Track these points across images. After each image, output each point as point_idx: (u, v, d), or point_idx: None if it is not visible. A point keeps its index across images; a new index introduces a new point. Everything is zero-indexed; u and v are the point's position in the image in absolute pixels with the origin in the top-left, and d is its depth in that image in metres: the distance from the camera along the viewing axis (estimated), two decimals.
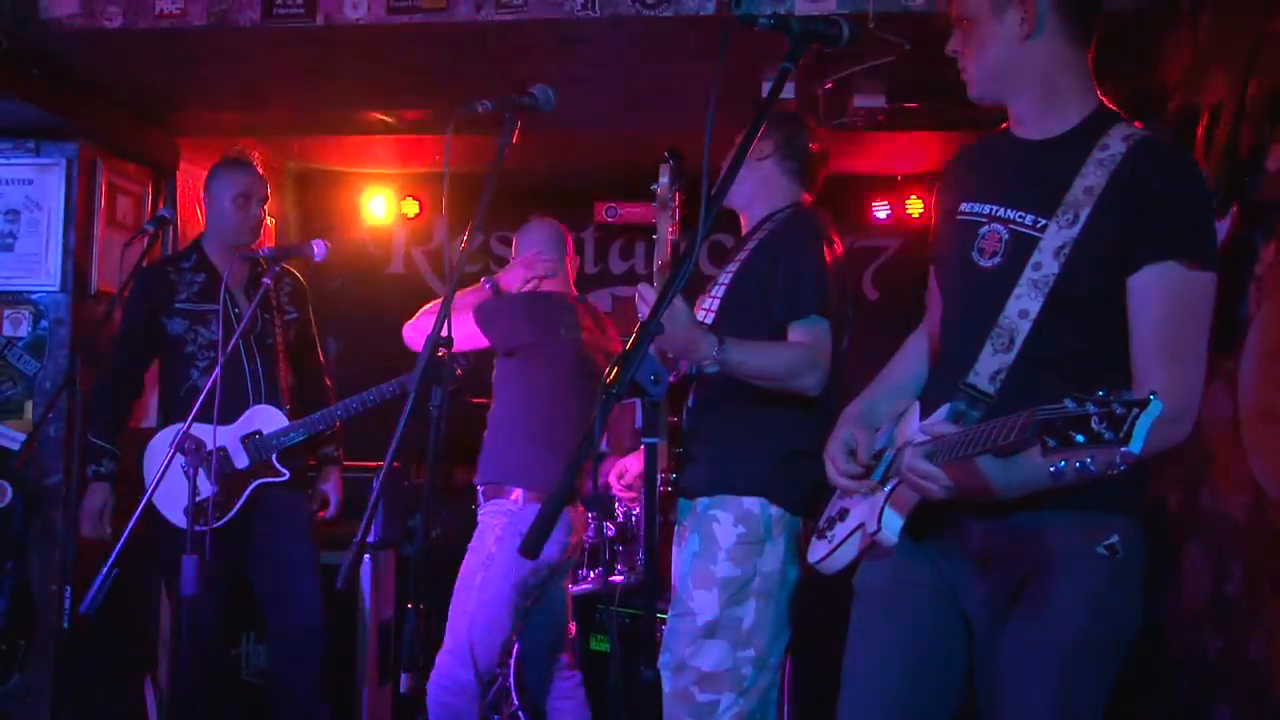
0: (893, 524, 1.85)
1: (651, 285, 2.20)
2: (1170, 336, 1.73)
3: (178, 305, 3.47)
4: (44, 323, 4.04)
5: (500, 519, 3.30)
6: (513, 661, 3.94)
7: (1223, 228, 2.70)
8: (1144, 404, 1.32)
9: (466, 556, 3.34)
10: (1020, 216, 1.84)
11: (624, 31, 3.28)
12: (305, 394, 3.75)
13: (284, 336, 3.66)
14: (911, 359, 2.14)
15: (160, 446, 3.45)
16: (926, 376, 2.07)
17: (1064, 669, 1.77)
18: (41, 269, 4.04)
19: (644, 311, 2.05)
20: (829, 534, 2.06)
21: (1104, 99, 1.88)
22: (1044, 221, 1.80)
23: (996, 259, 1.85)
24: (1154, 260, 1.72)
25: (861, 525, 1.93)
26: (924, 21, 3.08)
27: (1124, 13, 3.04)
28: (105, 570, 2.70)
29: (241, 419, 3.47)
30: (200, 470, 3.24)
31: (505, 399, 3.42)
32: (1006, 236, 1.84)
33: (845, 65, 3.39)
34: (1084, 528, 1.77)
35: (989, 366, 1.79)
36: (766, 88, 3.41)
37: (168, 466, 2.97)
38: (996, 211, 1.87)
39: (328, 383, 3.87)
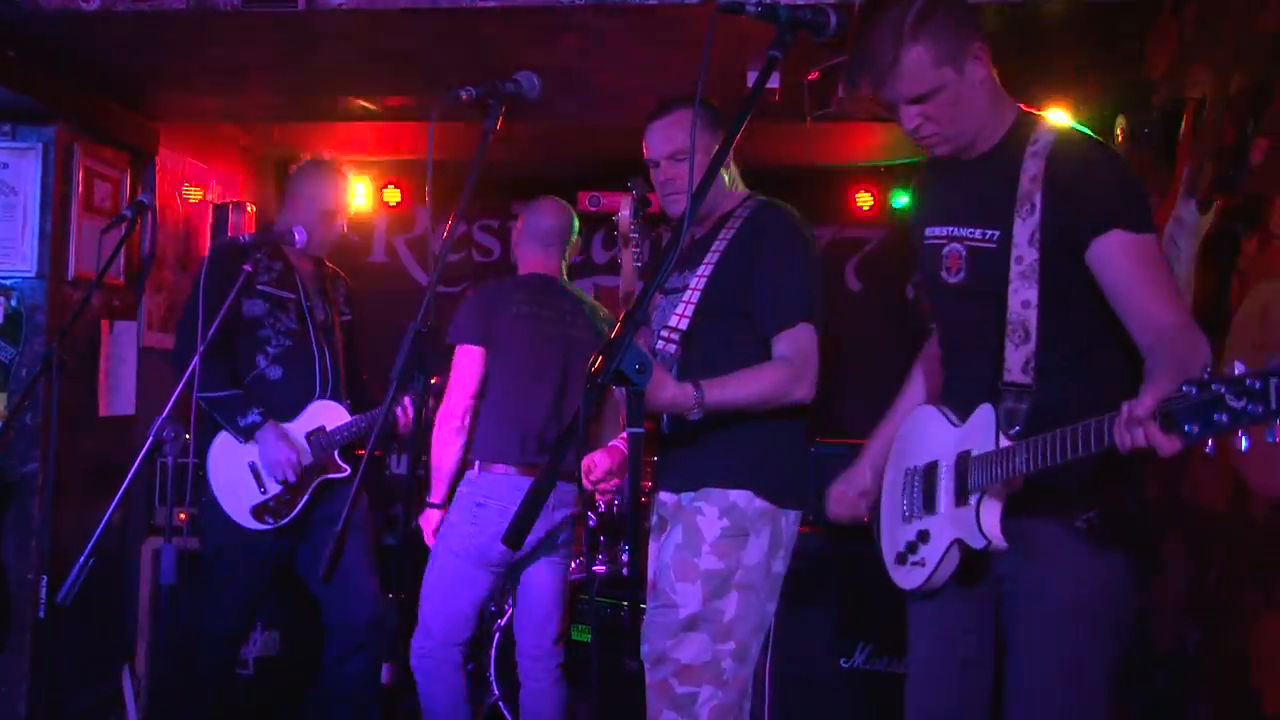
0: (996, 532, 1.90)
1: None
2: (1151, 283, 1.86)
3: (259, 287, 3.40)
4: (20, 308, 3.99)
5: (462, 489, 3.39)
6: (493, 651, 3.92)
7: (1204, 221, 2.71)
8: (1276, 372, 1.37)
9: None
10: (972, 233, 2.00)
11: (609, 18, 3.26)
12: (357, 394, 3.71)
13: (342, 336, 3.66)
14: (920, 386, 2.27)
15: (228, 441, 3.39)
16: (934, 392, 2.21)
17: (1060, 635, 1.89)
18: (17, 254, 3.98)
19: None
20: (915, 558, 2.08)
21: (1021, 105, 2.03)
22: (994, 233, 1.94)
23: (960, 275, 2.02)
24: (1100, 232, 1.87)
25: (957, 540, 1.96)
26: None
27: (1109, 6, 3.04)
28: (82, 560, 2.68)
29: (305, 414, 3.43)
30: (262, 469, 3.35)
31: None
32: (964, 253, 2.01)
33: (831, 54, 3.37)
34: (1065, 509, 1.90)
35: (1017, 360, 1.90)
36: (752, 77, 3.41)
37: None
38: (953, 232, 2.04)
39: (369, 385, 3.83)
